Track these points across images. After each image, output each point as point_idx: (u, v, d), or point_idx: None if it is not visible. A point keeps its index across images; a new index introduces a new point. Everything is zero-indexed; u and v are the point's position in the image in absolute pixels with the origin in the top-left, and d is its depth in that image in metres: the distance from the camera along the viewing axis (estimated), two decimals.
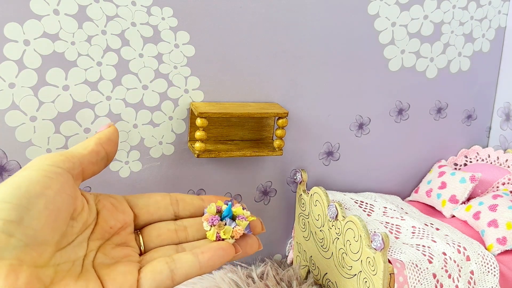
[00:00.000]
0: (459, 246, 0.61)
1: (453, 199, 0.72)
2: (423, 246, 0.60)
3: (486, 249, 0.64)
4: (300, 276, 0.68)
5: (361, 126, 0.76)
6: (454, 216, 0.72)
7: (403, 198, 0.81)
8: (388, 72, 0.74)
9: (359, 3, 0.70)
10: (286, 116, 0.65)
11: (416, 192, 0.80)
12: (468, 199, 0.73)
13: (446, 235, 0.64)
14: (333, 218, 0.61)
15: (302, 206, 0.70)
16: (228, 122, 0.67)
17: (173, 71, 0.63)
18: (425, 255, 0.58)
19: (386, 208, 0.71)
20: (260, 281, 0.66)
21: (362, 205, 0.71)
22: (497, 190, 0.74)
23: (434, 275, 0.58)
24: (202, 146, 0.62)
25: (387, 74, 0.75)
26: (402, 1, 0.72)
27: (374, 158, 0.78)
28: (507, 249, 0.63)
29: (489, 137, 0.85)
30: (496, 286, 0.61)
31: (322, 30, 0.69)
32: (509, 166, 0.77)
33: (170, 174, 0.67)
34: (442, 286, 0.58)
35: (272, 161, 0.72)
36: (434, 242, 0.61)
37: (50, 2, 0.56)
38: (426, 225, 0.66)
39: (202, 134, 0.62)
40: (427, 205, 0.77)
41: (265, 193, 0.73)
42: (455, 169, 0.82)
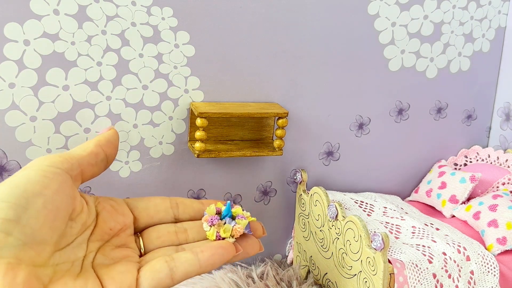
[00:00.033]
0: (459, 246, 0.61)
1: (453, 199, 0.72)
2: (423, 246, 0.60)
3: (486, 249, 0.63)
4: (300, 276, 0.68)
5: (361, 126, 0.76)
6: (454, 216, 0.72)
7: (403, 198, 0.81)
8: (388, 72, 0.74)
9: (359, 3, 0.70)
10: (286, 116, 0.65)
11: (416, 192, 0.80)
12: (468, 199, 0.73)
13: (446, 235, 0.64)
14: (333, 218, 0.61)
15: (302, 206, 0.70)
16: (228, 122, 0.67)
17: (173, 71, 0.63)
18: (425, 255, 0.58)
19: (386, 208, 0.71)
20: (260, 281, 0.66)
21: (362, 205, 0.71)
22: (497, 190, 0.74)
23: (434, 275, 0.58)
24: (202, 146, 0.62)
25: (387, 74, 0.75)
26: (402, 1, 0.72)
27: (374, 158, 0.78)
28: (507, 249, 0.63)
29: (489, 137, 0.85)
30: (496, 286, 0.61)
31: (322, 30, 0.69)
32: (509, 166, 0.77)
33: (170, 174, 0.67)
34: (442, 286, 0.58)
35: (272, 161, 0.72)
36: (434, 242, 0.61)
37: (50, 2, 0.56)
38: (426, 225, 0.66)
39: (202, 134, 0.62)
40: (427, 205, 0.77)
41: (265, 193, 0.73)
42: (455, 169, 0.82)
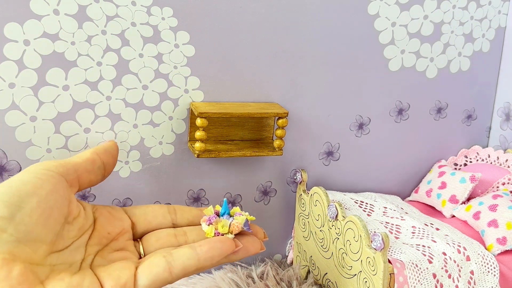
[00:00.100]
0: (459, 246, 0.61)
1: (453, 199, 0.72)
2: (423, 246, 0.60)
3: (486, 249, 0.63)
4: (300, 276, 0.68)
5: (361, 126, 0.76)
6: (454, 216, 0.72)
7: (403, 198, 0.81)
8: (388, 72, 0.74)
9: (359, 3, 0.70)
10: (286, 116, 0.65)
11: (416, 192, 0.80)
12: (468, 199, 0.73)
13: (446, 235, 0.64)
14: (333, 218, 0.61)
15: (302, 206, 0.70)
16: (228, 122, 0.67)
17: (173, 71, 0.63)
18: (425, 255, 0.58)
19: (386, 208, 0.71)
20: (260, 281, 0.66)
21: (362, 205, 0.71)
22: (497, 190, 0.74)
23: (434, 275, 0.58)
24: (202, 146, 0.62)
25: (387, 74, 0.74)
26: (402, 1, 0.72)
27: (374, 158, 0.78)
28: (507, 249, 0.63)
29: (489, 137, 0.85)
30: (496, 286, 0.61)
31: (322, 30, 0.69)
32: (509, 166, 0.77)
33: (170, 174, 0.67)
34: (442, 286, 0.58)
35: (272, 161, 0.72)
36: (434, 242, 0.61)
37: (50, 2, 0.56)
38: (426, 225, 0.66)
39: (202, 134, 0.62)
40: (427, 205, 0.77)
41: (265, 193, 0.73)
42: (455, 169, 0.82)
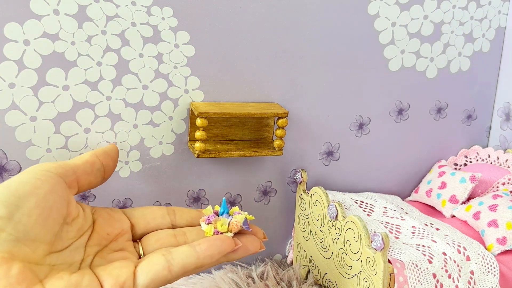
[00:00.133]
0: (459, 246, 0.61)
1: (453, 199, 0.72)
2: (423, 246, 0.60)
3: (486, 249, 0.63)
4: (300, 276, 0.68)
5: (361, 126, 0.76)
6: (454, 216, 0.72)
7: (403, 198, 0.81)
8: (388, 72, 0.74)
9: (359, 3, 0.70)
10: (286, 116, 0.65)
11: (416, 192, 0.80)
12: (468, 199, 0.73)
13: (446, 235, 0.64)
14: (333, 218, 0.61)
15: (302, 206, 0.70)
16: (228, 122, 0.67)
17: (173, 71, 0.63)
18: (425, 255, 0.58)
19: (386, 208, 0.71)
20: (260, 281, 0.66)
21: (362, 205, 0.71)
22: (497, 190, 0.74)
23: (434, 275, 0.58)
24: (202, 146, 0.62)
25: (387, 74, 0.74)
26: (402, 1, 0.72)
27: (374, 158, 0.78)
28: (507, 249, 0.63)
29: (489, 137, 0.85)
30: (496, 286, 0.61)
31: (322, 30, 0.69)
32: (509, 166, 0.77)
33: (170, 174, 0.67)
34: (442, 286, 0.58)
35: (272, 161, 0.72)
36: (434, 242, 0.61)
37: (50, 2, 0.56)
38: (426, 225, 0.66)
39: (202, 134, 0.62)
40: (427, 205, 0.77)
41: (265, 193, 0.73)
42: (455, 169, 0.82)
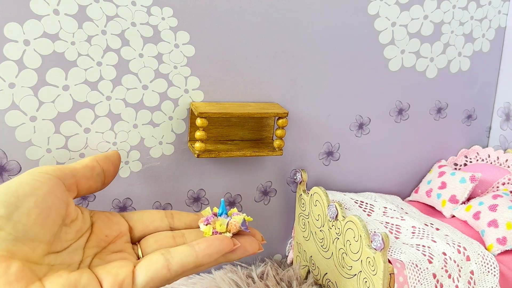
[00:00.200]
0: (459, 246, 0.61)
1: (453, 199, 0.72)
2: (423, 246, 0.60)
3: (486, 249, 0.64)
4: (300, 276, 0.68)
5: (361, 126, 0.76)
6: (454, 216, 0.72)
7: (403, 198, 0.81)
8: (388, 72, 0.74)
9: (359, 3, 0.70)
10: (286, 116, 0.65)
11: (416, 192, 0.80)
12: (468, 199, 0.73)
13: (446, 235, 0.64)
14: (333, 218, 0.61)
15: (302, 206, 0.70)
16: (228, 122, 0.67)
17: (173, 71, 0.63)
18: (425, 255, 0.58)
19: (386, 208, 0.71)
20: (260, 281, 0.66)
21: (362, 205, 0.71)
22: (497, 190, 0.74)
23: (434, 275, 0.58)
24: (202, 146, 0.62)
25: (387, 74, 0.74)
26: (402, 1, 0.72)
27: (374, 158, 0.78)
28: (507, 249, 0.63)
29: (489, 137, 0.85)
30: (496, 286, 0.61)
31: (322, 30, 0.69)
32: (509, 166, 0.77)
33: (170, 174, 0.67)
34: (442, 286, 0.58)
35: (272, 161, 0.72)
36: (434, 242, 0.61)
37: (50, 2, 0.56)
38: (426, 225, 0.66)
39: (202, 134, 0.62)
40: (427, 205, 0.77)
41: (265, 193, 0.73)
42: (455, 169, 0.82)
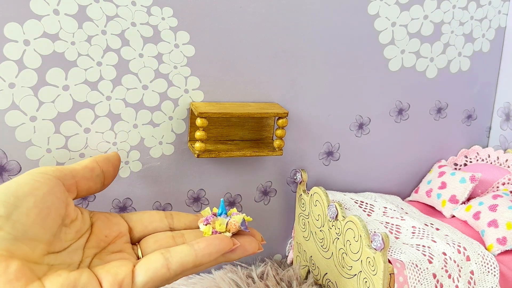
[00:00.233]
0: (459, 246, 0.61)
1: (453, 199, 0.72)
2: (423, 246, 0.60)
3: (486, 249, 0.64)
4: (300, 276, 0.68)
5: (361, 126, 0.76)
6: (454, 216, 0.72)
7: (403, 198, 0.81)
8: (388, 72, 0.74)
9: (359, 3, 0.70)
10: (286, 116, 0.65)
11: (416, 192, 0.80)
12: (468, 199, 0.73)
13: (446, 235, 0.64)
14: (333, 218, 0.61)
15: (302, 206, 0.70)
16: (228, 122, 0.67)
17: (173, 71, 0.63)
18: (425, 255, 0.58)
19: (386, 208, 0.71)
20: (260, 281, 0.66)
21: (362, 205, 0.71)
22: (497, 190, 0.74)
23: (434, 275, 0.58)
24: (202, 146, 0.62)
25: (387, 74, 0.74)
26: (402, 1, 0.72)
27: (374, 158, 0.78)
28: (507, 249, 0.63)
29: (489, 137, 0.85)
30: (496, 286, 0.61)
31: (322, 30, 0.69)
32: (509, 166, 0.77)
33: (170, 174, 0.67)
34: (442, 286, 0.58)
35: (272, 161, 0.72)
36: (434, 242, 0.61)
37: (50, 2, 0.56)
38: (426, 225, 0.66)
39: (202, 134, 0.62)
40: (427, 205, 0.77)
41: (265, 193, 0.73)
42: (455, 169, 0.82)
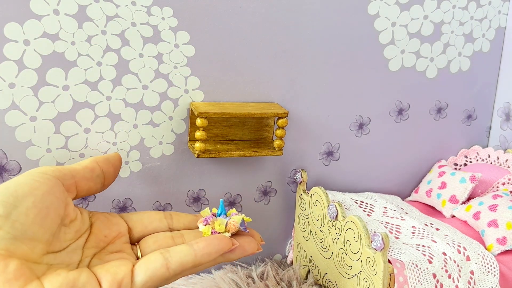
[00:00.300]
0: (459, 246, 0.61)
1: (453, 199, 0.72)
2: (423, 246, 0.60)
3: (486, 249, 0.64)
4: (300, 276, 0.68)
5: (361, 126, 0.76)
6: (454, 216, 0.72)
7: (403, 198, 0.81)
8: (388, 72, 0.74)
9: (359, 3, 0.70)
10: (286, 116, 0.65)
11: (416, 192, 0.80)
12: (468, 199, 0.73)
13: (446, 235, 0.64)
14: (333, 218, 0.61)
15: (302, 206, 0.70)
16: (228, 122, 0.67)
17: (173, 71, 0.63)
18: (425, 255, 0.58)
19: (386, 208, 0.71)
20: (260, 281, 0.66)
21: (362, 205, 0.71)
22: (497, 190, 0.74)
23: (434, 275, 0.58)
24: (202, 146, 0.62)
25: (387, 74, 0.74)
26: (402, 1, 0.72)
27: (374, 158, 0.78)
28: (507, 249, 0.63)
29: (489, 137, 0.85)
30: (496, 286, 0.61)
31: (322, 30, 0.69)
32: (509, 166, 0.77)
33: (170, 174, 0.67)
34: (442, 286, 0.58)
35: (272, 161, 0.72)
36: (434, 242, 0.61)
37: (50, 2, 0.56)
38: (426, 225, 0.66)
39: (202, 134, 0.62)
40: (427, 205, 0.77)
41: (265, 193, 0.73)
42: (455, 169, 0.82)
